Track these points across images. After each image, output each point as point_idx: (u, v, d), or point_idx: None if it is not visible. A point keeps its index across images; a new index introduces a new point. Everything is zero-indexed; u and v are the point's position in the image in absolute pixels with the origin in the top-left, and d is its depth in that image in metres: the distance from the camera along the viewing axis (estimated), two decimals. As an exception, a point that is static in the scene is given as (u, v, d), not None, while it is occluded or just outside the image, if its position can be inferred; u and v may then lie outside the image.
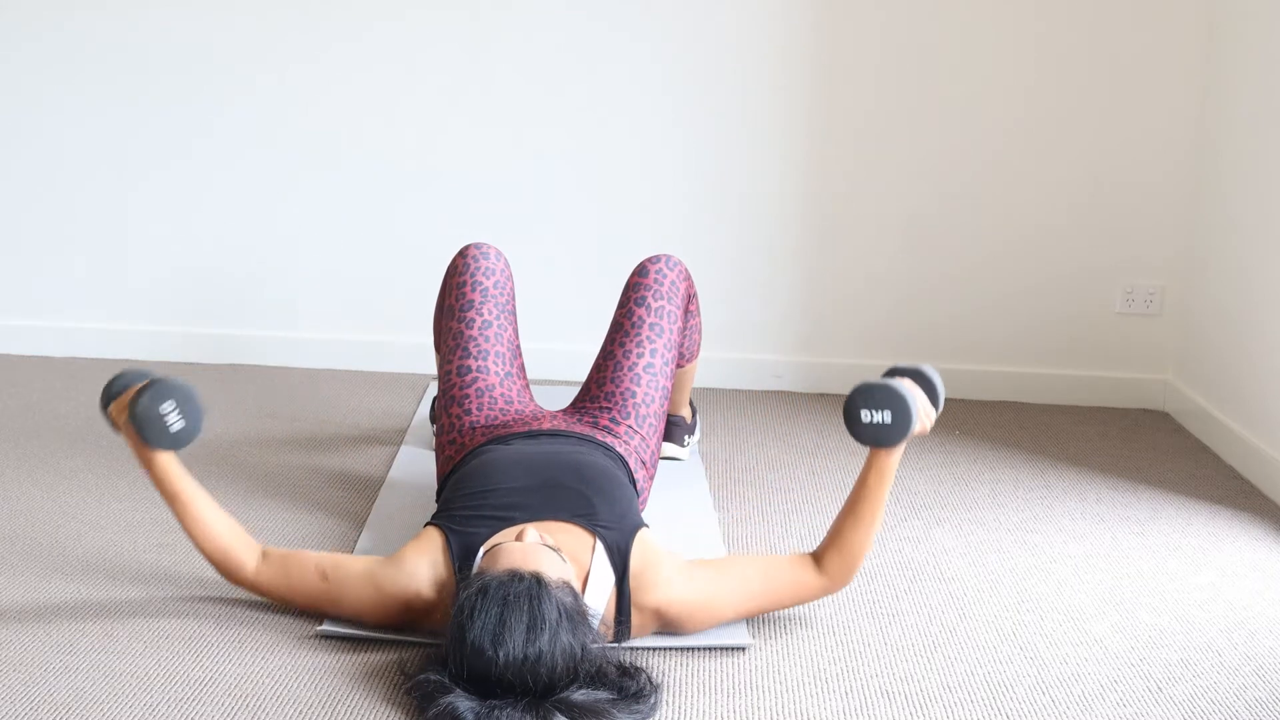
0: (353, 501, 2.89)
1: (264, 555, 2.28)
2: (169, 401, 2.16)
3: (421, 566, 2.18)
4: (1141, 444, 3.48)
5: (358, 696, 2.07)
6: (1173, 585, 2.61)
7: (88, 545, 2.63)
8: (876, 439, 2.24)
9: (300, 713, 2.02)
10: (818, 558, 2.31)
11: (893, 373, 2.36)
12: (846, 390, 3.85)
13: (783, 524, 2.86)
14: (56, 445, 3.19)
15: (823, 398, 3.79)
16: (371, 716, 2.02)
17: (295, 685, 2.10)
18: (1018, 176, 3.72)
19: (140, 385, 2.19)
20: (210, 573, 2.51)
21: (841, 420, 2.35)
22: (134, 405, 2.16)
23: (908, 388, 2.25)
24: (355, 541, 2.66)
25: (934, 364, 3.82)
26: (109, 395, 2.28)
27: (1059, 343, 3.80)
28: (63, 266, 3.91)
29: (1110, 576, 2.64)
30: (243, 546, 2.27)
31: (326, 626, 2.26)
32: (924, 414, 2.28)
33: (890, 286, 3.80)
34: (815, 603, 2.46)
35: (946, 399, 3.81)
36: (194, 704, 2.04)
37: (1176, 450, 3.44)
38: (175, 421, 2.17)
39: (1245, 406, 3.30)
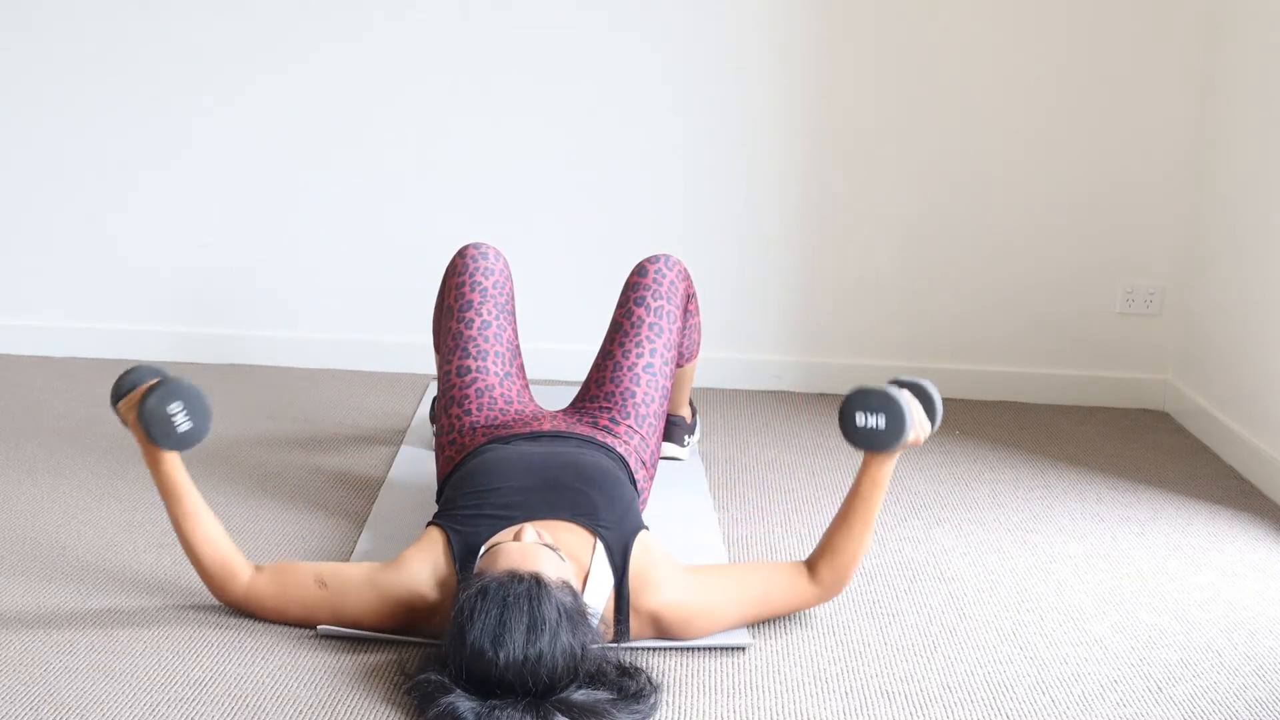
0: (353, 501, 2.89)
1: (257, 569, 2.27)
2: (177, 402, 2.16)
3: (423, 568, 2.18)
4: (1141, 444, 3.48)
5: (358, 696, 2.07)
6: (1173, 585, 2.61)
7: (88, 545, 2.63)
8: (870, 443, 2.25)
9: (300, 713, 2.02)
10: (811, 566, 2.32)
11: (894, 383, 2.36)
12: (847, 390, 3.88)
13: (783, 524, 2.86)
14: (56, 445, 3.19)
15: (823, 398, 3.80)
16: (371, 716, 2.02)
17: (295, 685, 2.10)
18: (1018, 176, 3.72)
19: (150, 384, 2.19)
20: (210, 573, 2.51)
21: (832, 408, 2.35)
22: (143, 404, 2.16)
23: (904, 396, 2.25)
24: (355, 541, 2.66)
25: (934, 364, 3.83)
26: (119, 392, 2.27)
27: (1059, 343, 3.80)
28: (62, 266, 3.91)
29: (1110, 576, 2.64)
30: (237, 559, 2.26)
31: (326, 626, 2.26)
32: (919, 424, 2.28)
33: (890, 287, 3.80)
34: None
35: (947, 399, 3.80)
36: (194, 704, 2.04)
37: (1176, 450, 3.44)
38: (183, 422, 2.17)
39: (1245, 406, 3.30)
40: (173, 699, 2.05)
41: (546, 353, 3.75)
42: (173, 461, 2.22)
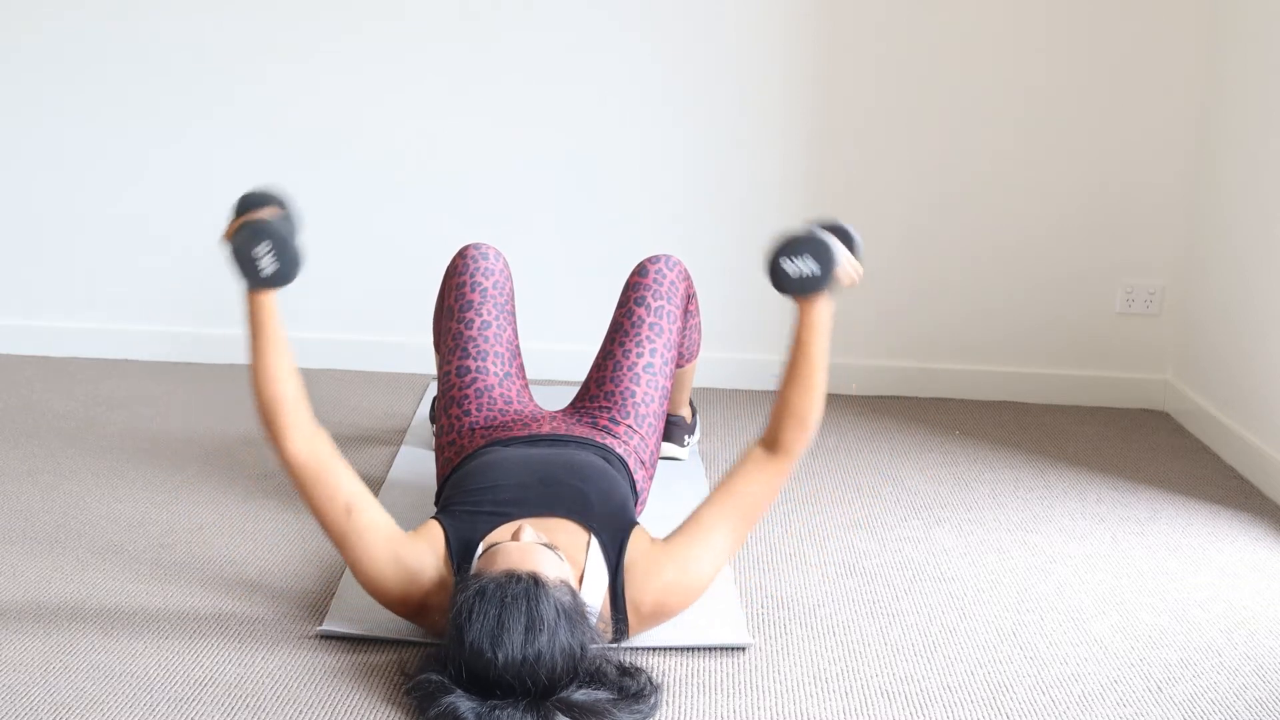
0: (353, 501, 2.89)
1: (313, 438, 2.16)
2: (264, 244, 2.11)
3: (427, 556, 2.17)
4: (1141, 444, 3.48)
5: (358, 696, 2.07)
6: (1173, 585, 2.61)
7: (88, 545, 2.63)
8: (803, 288, 2.22)
9: (300, 713, 2.02)
10: (770, 439, 2.27)
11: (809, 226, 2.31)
12: (847, 390, 3.89)
13: (783, 524, 2.86)
14: (56, 445, 3.19)
15: (823, 398, 3.79)
16: (371, 716, 2.02)
17: (295, 685, 2.10)
18: (1018, 177, 3.72)
19: (245, 219, 2.14)
20: (210, 572, 2.51)
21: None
22: (233, 240, 2.12)
23: (827, 235, 2.22)
24: (355, 541, 2.66)
25: (934, 364, 3.83)
26: (238, 208, 2.27)
27: (1059, 343, 3.80)
28: (62, 266, 3.91)
29: (1110, 576, 2.64)
30: (298, 414, 2.16)
31: (326, 626, 2.26)
32: (848, 261, 2.26)
33: (890, 287, 3.80)
34: (815, 602, 2.47)
35: (947, 399, 3.81)
36: (194, 704, 2.04)
37: (1176, 450, 3.44)
38: (268, 265, 2.12)
39: (1245, 406, 3.30)
40: (173, 699, 2.05)
41: (546, 353, 3.75)
42: (255, 295, 2.16)
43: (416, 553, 2.16)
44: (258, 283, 2.14)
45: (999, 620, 2.43)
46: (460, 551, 2.16)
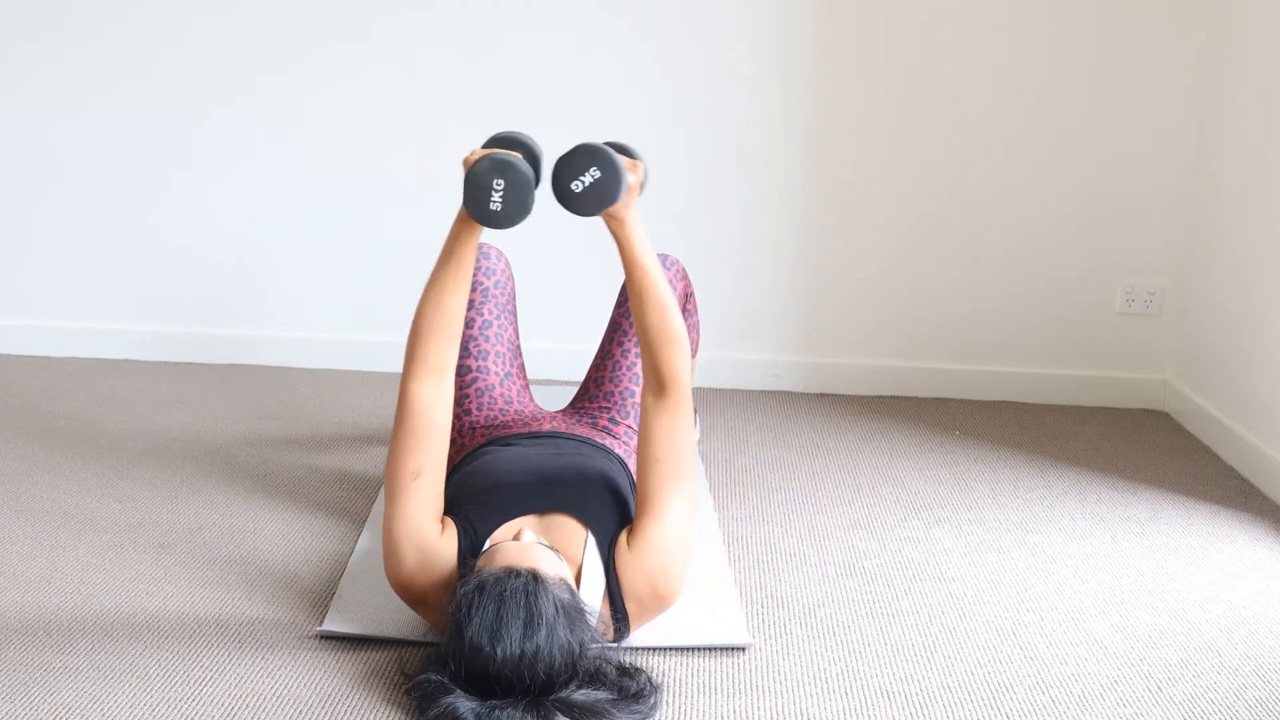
0: (353, 501, 2.89)
1: (438, 393, 2.20)
2: (502, 180, 2.13)
3: (442, 550, 2.18)
4: (1141, 444, 3.48)
5: (358, 696, 2.07)
6: (1173, 585, 2.61)
7: (88, 545, 2.63)
8: (600, 199, 2.19)
9: (300, 713, 2.02)
10: (652, 379, 2.26)
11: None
12: (846, 390, 3.89)
13: (783, 524, 2.86)
14: (56, 445, 3.19)
15: (822, 398, 3.80)
16: (371, 716, 2.02)
17: (295, 685, 2.10)
18: (1019, 177, 3.72)
19: (492, 151, 2.17)
20: (210, 572, 2.51)
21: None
22: (478, 164, 2.14)
23: (591, 142, 2.21)
24: (355, 541, 2.66)
25: (934, 364, 3.83)
26: (488, 144, 2.32)
27: (1059, 343, 3.80)
28: (62, 267, 3.91)
29: (1110, 576, 2.64)
30: (439, 358, 2.20)
31: (326, 626, 2.26)
32: (628, 164, 2.25)
33: (890, 287, 3.80)
34: (815, 602, 2.47)
35: (947, 399, 3.81)
36: (194, 704, 2.04)
37: (1176, 450, 3.44)
38: (496, 201, 2.14)
39: (1245, 406, 3.30)
40: (172, 699, 2.05)
41: (546, 353, 3.75)
42: (470, 229, 2.19)
43: (440, 546, 2.17)
44: (480, 213, 2.15)
45: (999, 620, 2.43)
46: (466, 550, 2.17)
